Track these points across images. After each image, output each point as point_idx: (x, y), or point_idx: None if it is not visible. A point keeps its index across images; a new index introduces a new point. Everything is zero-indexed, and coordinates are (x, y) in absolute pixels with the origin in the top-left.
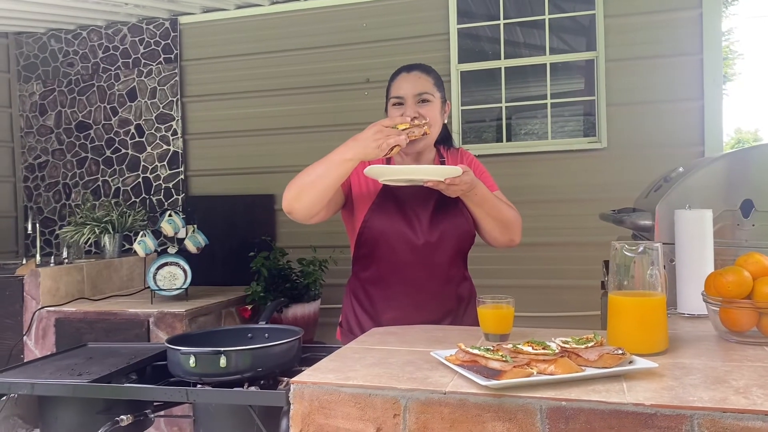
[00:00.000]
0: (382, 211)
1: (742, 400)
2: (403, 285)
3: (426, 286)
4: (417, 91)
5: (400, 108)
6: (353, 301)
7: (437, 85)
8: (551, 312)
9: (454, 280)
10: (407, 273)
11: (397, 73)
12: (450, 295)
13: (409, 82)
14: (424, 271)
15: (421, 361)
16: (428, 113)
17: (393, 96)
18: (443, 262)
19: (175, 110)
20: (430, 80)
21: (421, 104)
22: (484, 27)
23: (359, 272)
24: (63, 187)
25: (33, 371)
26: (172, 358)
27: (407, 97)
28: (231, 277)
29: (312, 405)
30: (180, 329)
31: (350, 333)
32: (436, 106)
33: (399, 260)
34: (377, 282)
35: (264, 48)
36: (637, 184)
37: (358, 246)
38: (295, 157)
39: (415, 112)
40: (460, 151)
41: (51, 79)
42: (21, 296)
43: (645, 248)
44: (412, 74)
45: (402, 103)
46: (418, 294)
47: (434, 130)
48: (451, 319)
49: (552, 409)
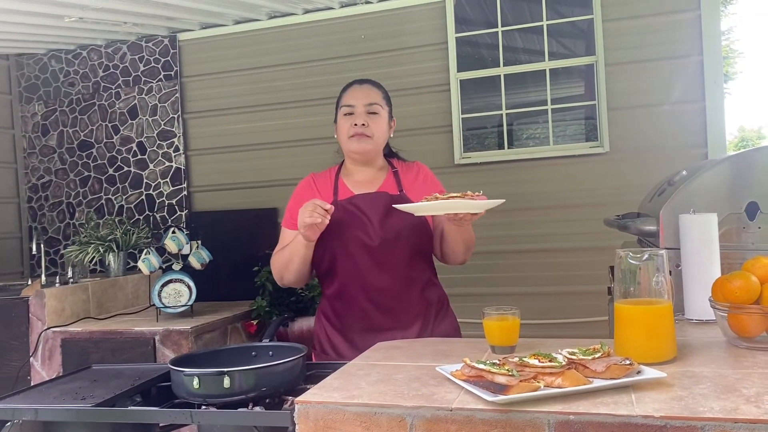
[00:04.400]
0: (334, 223)
1: (754, 409)
2: (365, 292)
3: (389, 290)
4: (367, 101)
5: (350, 117)
6: (324, 322)
7: (386, 99)
8: (558, 319)
9: (418, 283)
10: (368, 278)
11: (348, 85)
12: (415, 299)
13: (360, 93)
14: (384, 275)
15: (426, 376)
16: (376, 123)
17: (344, 105)
18: (402, 262)
19: (176, 127)
20: (380, 93)
21: (369, 115)
22: (482, 34)
23: (325, 290)
24: (67, 206)
25: (37, 396)
26: (175, 379)
27: (358, 106)
28: (236, 293)
29: (317, 425)
30: (186, 346)
31: (324, 354)
32: (383, 118)
33: (358, 266)
34: (341, 295)
35: (263, 62)
36: (640, 188)
37: (320, 263)
38: (297, 170)
39: (364, 120)
40: (416, 164)
41: (52, 99)
42: (27, 317)
43: (650, 255)
44: (364, 86)
45: (352, 112)
46: (381, 299)
47: (381, 140)
48: (421, 323)
49: (560, 423)
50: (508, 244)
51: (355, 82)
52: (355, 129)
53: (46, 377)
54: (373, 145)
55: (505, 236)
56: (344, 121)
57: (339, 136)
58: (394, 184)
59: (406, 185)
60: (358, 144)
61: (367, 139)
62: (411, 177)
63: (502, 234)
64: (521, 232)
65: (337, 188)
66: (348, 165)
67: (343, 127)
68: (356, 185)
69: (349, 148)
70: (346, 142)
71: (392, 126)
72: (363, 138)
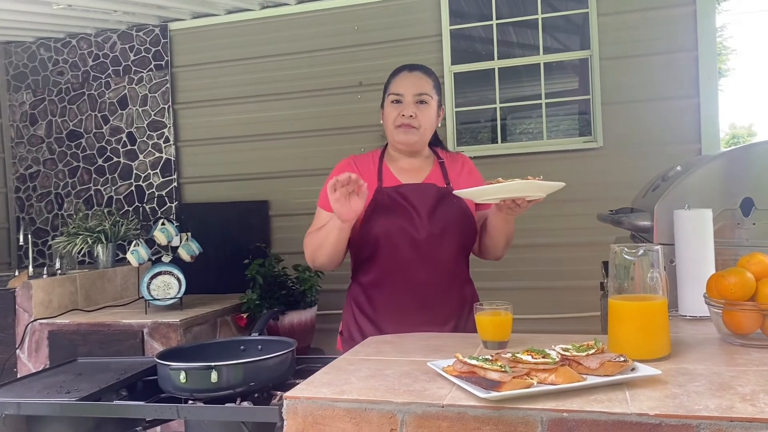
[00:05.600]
0: (380, 211)
1: (749, 407)
2: (405, 285)
3: (430, 285)
4: (417, 91)
5: (398, 105)
6: (354, 309)
7: (436, 89)
8: (550, 314)
9: (458, 279)
10: (410, 272)
11: (398, 70)
12: (454, 297)
13: (410, 81)
14: (427, 269)
15: (418, 372)
16: (424, 114)
17: (392, 92)
18: (447, 258)
19: (166, 117)
20: (431, 82)
21: (419, 105)
22: (476, 27)
23: (361, 278)
24: (55, 197)
25: (20, 389)
26: (162, 373)
27: (407, 95)
28: (226, 285)
29: (306, 421)
30: (175, 339)
31: (351, 341)
32: (432, 108)
33: (402, 259)
34: (380, 285)
35: (255, 53)
36: (634, 183)
37: (359, 250)
38: (289, 162)
39: (412, 111)
40: (460, 155)
41: (41, 88)
42: (13, 309)
43: (645, 251)
44: (414, 74)
45: (400, 101)
46: (421, 293)
47: (428, 131)
48: (455, 323)
49: (553, 420)
50: None
51: (405, 68)
52: (403, 120)
53: (33, 369)
54: (420, 136)
55: None
56: (391, 109)
57: (385, 124)
58: (441, 176)
59: (453, 177)
60: (405, 135)
61: (413, 130)
62: (457, 169)
63: None
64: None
65: (381, 173)
66: (392, 151)
67: (390, 116)
68: (402, 173)
69: (394, 138)
70: (392, 131)
71: (441, 115)
72: (410, 129)
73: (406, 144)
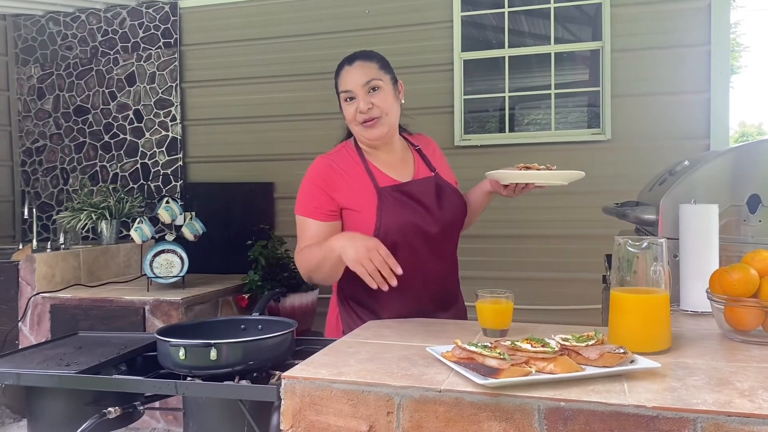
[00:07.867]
0: (391, 215)
1: (747, 403)
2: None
3: (443, 275)
4: (363, 81)
5: (353, 102)
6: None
7: (384, 68)
8: (552, 305)
9: (457, 264)
10: (427, 267)
11: (339, 67)
12: (456, 281)
13: (353, 74)
14: (440, 261)
15: (416, 356)
16: (381, 99)
17: (342, 91)
18: (453, 247)
19: (174, 96)
20: (375, 65)
21: (371, 93)
22: (488, 15)
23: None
24: (61, 171)
25: (20, 360)
26: (161, 349)
27: (355, 89)
28: (228, 266)
29: (303, 401)
30: (176, 317)
31: None
32: (387, 90)
33: (418, 256)
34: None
35: (264, 34)
36: (641, 177)
37: None
38: (295, 145)
39: (368, 102)
40: (423, 136)
41: (49, 62)
42: (16, 282)
43: (649, 243)
44: (355, 65)
45: (353, 97)
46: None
47: (392, 114)
48: (457, 304)
49: (550, 409)
50: (504, 229)
51: (345, 63)
52: (362, 116)
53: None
54: (387, 124)
55: (502, 221)
56: (347, 107)
57: (348, 123)
58: (424, 165)
59: (434, 163)
60: (372, 131)
61: (377, 121)
62: (431, 152)
63: (498, 218)
64: (517, 217)
65: (371, 173)
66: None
67: (349, 115)
68: (390, 169)
69: (363, 136)
70: (358, 130)
71: (400, 90)
72: (374, 123)
73: (377, 138)
